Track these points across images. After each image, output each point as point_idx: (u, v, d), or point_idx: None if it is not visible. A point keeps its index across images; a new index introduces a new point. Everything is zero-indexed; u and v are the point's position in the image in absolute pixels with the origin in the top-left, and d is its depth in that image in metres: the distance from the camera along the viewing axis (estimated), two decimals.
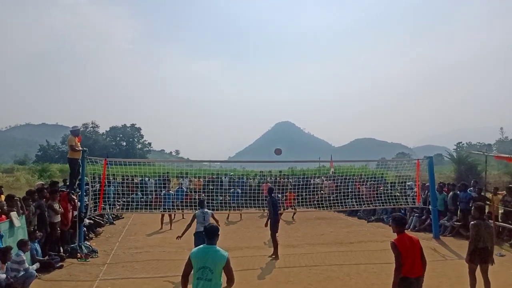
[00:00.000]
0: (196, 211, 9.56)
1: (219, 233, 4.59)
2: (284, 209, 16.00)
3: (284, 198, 16.79)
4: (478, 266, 6.85)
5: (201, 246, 4.43)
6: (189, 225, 9.03)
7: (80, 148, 11.44)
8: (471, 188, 13.92)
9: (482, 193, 13.25)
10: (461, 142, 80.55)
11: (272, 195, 10.75)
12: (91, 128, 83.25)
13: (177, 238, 8.97)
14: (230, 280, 4.34)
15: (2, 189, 11.46)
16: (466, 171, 26.47)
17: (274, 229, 10.32)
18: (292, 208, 16.88)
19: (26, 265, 7.54)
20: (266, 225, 10.58)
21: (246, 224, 15.80)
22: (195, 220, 9.03)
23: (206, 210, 9.62)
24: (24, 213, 8.92)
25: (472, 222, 6.92)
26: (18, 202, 8.90)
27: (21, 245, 7.78)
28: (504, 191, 12.78)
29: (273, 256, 10.23)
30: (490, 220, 10.22)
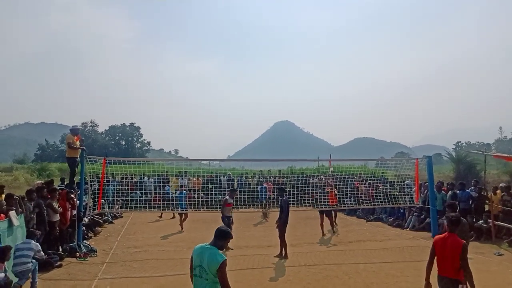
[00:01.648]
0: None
1: (226, 239, 4.38)
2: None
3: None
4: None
5: (204, 244, 4.30)
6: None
7: (77, 146, 11.40)
8: (472, 188, 13.92)
9: (482, 193, 13.25)
10: (460, 142, 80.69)
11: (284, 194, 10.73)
12: (90, 127, 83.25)
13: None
14: (223, 286, 4.13)
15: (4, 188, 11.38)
16: (465, 171, 26.44)
17: (283, 230, 10.28)
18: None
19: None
20: (277, 226, 10.47)
21: (245, 224, 15.80)
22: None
23: (227, 196, 10.78)
24: (22, 212, 8.91)
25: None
26: (17, 201, 8.89)
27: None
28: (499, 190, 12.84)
29: (280, 256, 10.19)
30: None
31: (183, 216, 14.65)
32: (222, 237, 4.32)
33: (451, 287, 5.19)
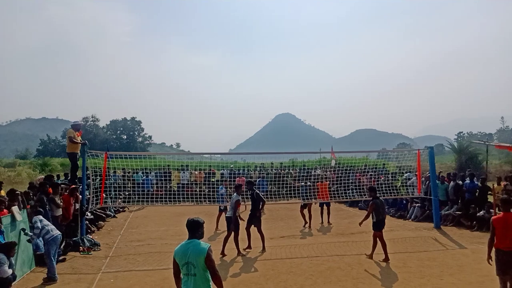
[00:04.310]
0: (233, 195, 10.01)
1: (201, 227, 4.34)
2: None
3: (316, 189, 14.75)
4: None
5: (183, 242, 4.29)
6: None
7: (79, 141, 11.37)
8: (468, 178, 13.92)
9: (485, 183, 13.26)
10: (461, 132, 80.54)
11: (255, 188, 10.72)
12: (92, 122, 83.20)
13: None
14: (213, 274, 4.14)
15: (2, 184, 11.43)
16: (467, 161, 26.42)
17: (260, 223, 10.43)
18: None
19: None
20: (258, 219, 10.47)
21: (244, 216, 15.76)
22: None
23: (234, 195, 9.95)
24: (25, 207, 8.94)
25: (371, 201, 9.26)
26: (19, 197, 8.92)
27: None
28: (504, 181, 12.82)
29: (264, 250, 10.17)
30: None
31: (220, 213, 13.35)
32: (196, 228, 4.31)
33: None
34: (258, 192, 10.52)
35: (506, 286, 5.91)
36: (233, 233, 9.78)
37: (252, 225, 10.35)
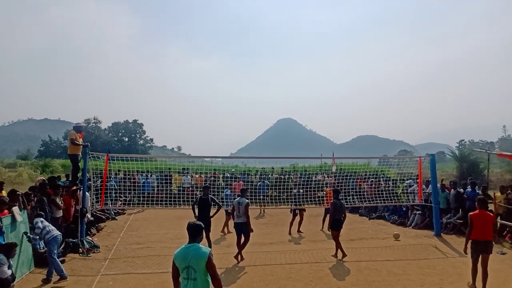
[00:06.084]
0: (235, 200, 9.74)
1: (202, 232, 4.36)
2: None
3: (325, 194, 15.25)
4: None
5: (183, 245, 4.28)
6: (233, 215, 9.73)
7: (80, 143, 11.39)
8: (469, 186, 13.89)
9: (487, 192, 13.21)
10: (463, 140, 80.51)
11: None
12: (93, 124, 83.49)
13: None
14: (214, 278, 4.15)
15: (4, 185, 11.42)
16: (468, 169, 26.36)
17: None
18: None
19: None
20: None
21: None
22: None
23: (243, 199, 9.62)
24: (25, 208, 8.94)
25: (331, 202, 10.15)
26: (20, 197, 8.92)
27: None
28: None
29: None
30: None
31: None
32: (197, 232, 4.31)
33: (490, 245, 7.31)
34: (212, 197, 10.36)
35: (477, 264, 7.32)
36: (237, 238, 9.73)
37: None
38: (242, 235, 9.62)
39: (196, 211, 10.06)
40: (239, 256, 9.62)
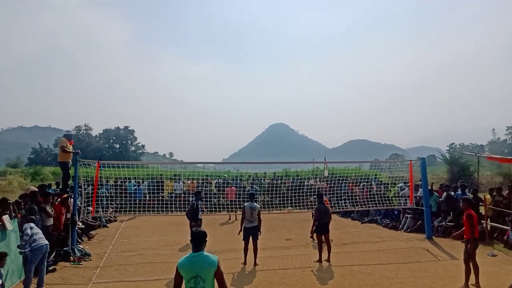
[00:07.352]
0: (245, 204, 9.66)
1: (206, 238, 4.28)
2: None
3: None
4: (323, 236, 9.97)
5: (188, 254, 4.18)
6: (242, 220, 9.64)
7: (71, 150, 11.31)
8: (460, 189, 14.03)
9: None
10: (453, 143, 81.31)
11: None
12: (84, 131, 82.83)
13: (238, 233, 9.81)
14: (222, 286, 4.08)
15: None
16: (459, 172, 26.58)
17: None
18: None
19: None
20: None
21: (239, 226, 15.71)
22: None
23: (255, 204, 9.62)
24: (16, 217, 8.84)
25: (316, 206, 10.15)
26: (11, 206, 8.82)
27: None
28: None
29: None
30: None
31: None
32: (202, 240, 4.23)
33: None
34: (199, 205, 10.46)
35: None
36: (244, 242, 9.76)
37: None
38: (251, 239, 9.71)
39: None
40: (255, 261, 9.72)
